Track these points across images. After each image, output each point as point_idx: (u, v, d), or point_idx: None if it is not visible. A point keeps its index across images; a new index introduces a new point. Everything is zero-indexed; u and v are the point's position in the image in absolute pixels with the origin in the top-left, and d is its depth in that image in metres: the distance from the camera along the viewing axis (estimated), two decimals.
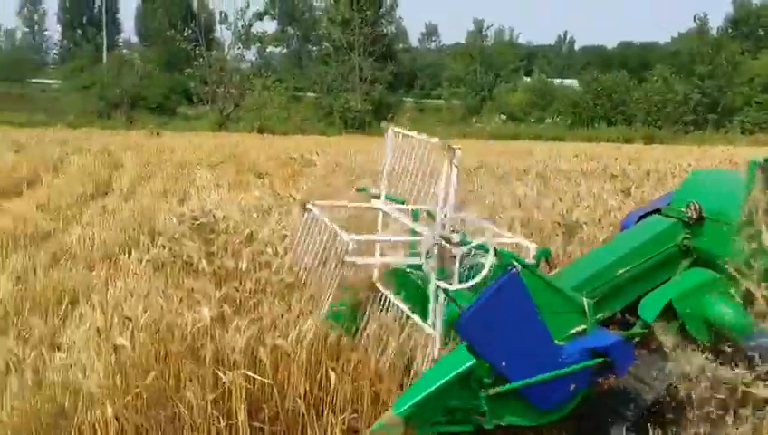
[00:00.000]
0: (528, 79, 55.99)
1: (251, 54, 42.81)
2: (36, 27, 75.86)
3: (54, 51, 75.65)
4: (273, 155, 16.85)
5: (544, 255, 4.20)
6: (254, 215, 7.05)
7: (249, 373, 3.39)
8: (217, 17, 41.89)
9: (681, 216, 3.85)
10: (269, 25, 54.60)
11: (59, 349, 4.14)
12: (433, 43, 78.26)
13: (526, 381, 3.06)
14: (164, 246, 5.60)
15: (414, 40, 72.82)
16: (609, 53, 63.96)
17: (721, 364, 3.44)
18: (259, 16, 42.03)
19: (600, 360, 3.13)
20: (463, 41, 63.57)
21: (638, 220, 4.25)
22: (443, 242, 3.22)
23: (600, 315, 3.51)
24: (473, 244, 3.23)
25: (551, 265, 4.22)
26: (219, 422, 3.31)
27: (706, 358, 3.45)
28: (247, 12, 41.36)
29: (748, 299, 3.53)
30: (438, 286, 3.25)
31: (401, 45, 52.92)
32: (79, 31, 69.96)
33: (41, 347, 3.94)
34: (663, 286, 3.76)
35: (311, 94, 47.68)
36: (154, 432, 3.36)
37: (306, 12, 64.71)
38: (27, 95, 45.39)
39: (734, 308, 3.52)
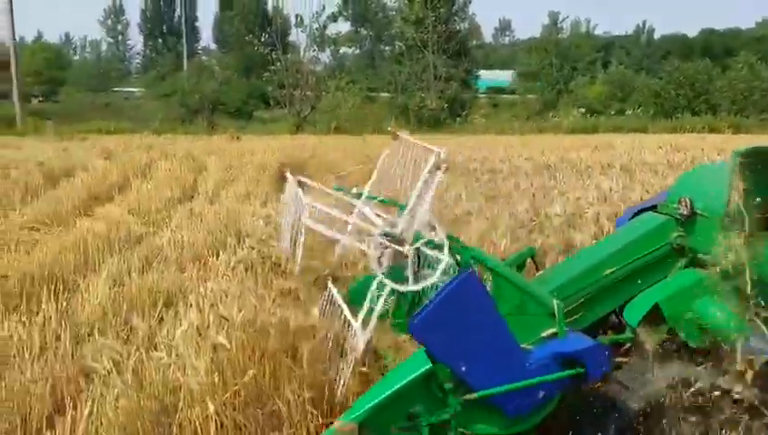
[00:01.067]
0: (606, 71, 54.69)
1: (325, 56, 43.33)
2: (120, 37, 78.71)
3: (137, 60, 78.47)
4: (351, 154, 16.96)
5: (530, 254, 4.06)
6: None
7: None
8: (293, 21, 42.52)
9: (674, 213, 3.60)
10: (342, 27, 55.17)
11: (156, 348, 4.26)
12: (507, 38, 77.54)
13: (495, 389, 2.88)
14: (252, 248, 5.73)
15: (488, 36, 72.31)
16: (690, 42, 61.86)
17: (711, 369, 3.26)
18: (333, 18, 42.57)
19: (570, 370, 2.94)
20: (537, 35, 62.73)
21: (632, 218, 4.01)
22: (387, 239, 3.04)
23: (575, 317, 3.38)
24: (420, 241, 3.04)
25: (537, 265, 4.04)
26: (317, 420, 3.33)
27: (697, 363, 3.29)
28: (322, 14, 41.91)
29: (738, 298, 3.27)
30: (382, 283, 3.04)
31: (474, 42, 52.39)
32: (160, 40, 72.35)
33: (141, 347, 4.10)
34: (651, 288, 3.53)
35: (384, 94, 47.81)
36: (253, 429, 3.41)
37: (379, 12, 65.03)
38: (112, 104, 47.10)
39: (725, 310, 3.26)
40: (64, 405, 3.98)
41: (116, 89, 55.32)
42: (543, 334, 3.11)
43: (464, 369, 2.87)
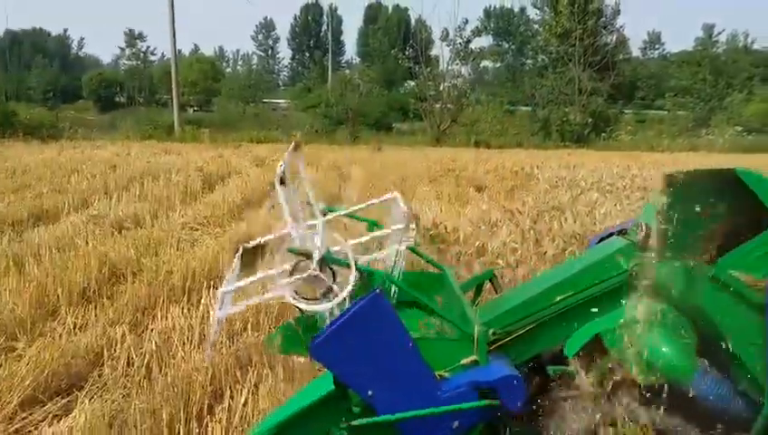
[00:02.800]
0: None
1: (466, 70, 43.35)
2: (270, 51, 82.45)
3: (284, 73, 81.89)
4: (491, 169, 16.89)
5: (488, 277, 3.73)
6: (482, 227, 7.14)
7: None
8: (437, 34, 42.90)
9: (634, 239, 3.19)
10: (484, 40, 55.06)
11: None
12: (656, 52, 74.46)
13: (396, 416, 2.68)
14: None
15: (635, 49, 69.75)
16: None
17: (654, 407, 2.90)
18: (477, 33, 42.53)
19: (481, 401, 2.70)
20: (690, 48, 59.88)
21: (599, 242, 3.62)
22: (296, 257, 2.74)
23: (519, 346, 3.02)
24: (315, 257, 2.70)
25: (496, 288, 3.71)
26: None
27: (638, 400, 2.91)
28: (465, 28, 42.02)
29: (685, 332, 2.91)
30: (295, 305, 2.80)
31: (621, 56, 50.73)
32: (306, 54, 75.26)
33: None
34: (598, 318, 3.11)
35: (524, 108, 47.24)
36: None
37: (522, 25, 64.46)
38: (261, 115, 49.24)
39: (673, 345, 2.88)
40: (222, 393, 4.23)
41: (265, 100, 57.81)
42: (463, 362, 2.83)
43: (370, 394, 2.70)
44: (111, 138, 30.88)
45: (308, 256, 2.72)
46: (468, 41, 41.77)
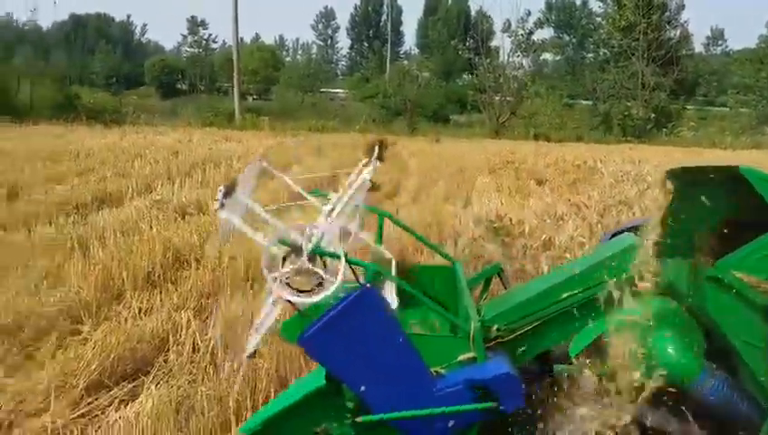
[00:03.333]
0: None
1: (526, 62, 42.70)
2: (329, 41, 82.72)
3: (342, 62, 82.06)
4: (552, 162, 16.58)
5: (496, 271, 3.63)
6: (547, 220, 6.98)
7: None
8: (499, 25, 42.35)
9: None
10: (545, 33, 54.18)
11: None
12: (719, 48, 72.21)
13: (395, 414, 2.63)
14: (464, 249, 5.73)
15: (698, 45, 67.74)
16: None
17: (658, 410, 2.78)
18: (540, 24, 41.88)
19: (478, 404, 2.63)
20: (752, 46, 57.79)
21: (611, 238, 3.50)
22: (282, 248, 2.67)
23: (522, 344, 2.93)
24: (307, 250, 2.63)
25: (505, 283, 3.62)
26: None
27: (641, 403, 2.76)
28: (528, 20, 41.43)
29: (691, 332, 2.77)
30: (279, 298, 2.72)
31: (684, 51, 49.25)
32: (365, 44, 75.24)
33: None
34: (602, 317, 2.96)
35: (583, 102, 46.39)
36: None
37: (584, 18, 63.20)
38: (318, 104, 49.43)
39: (680, 347, 2.76)
40: (287, 380, 4.19)
41: (323, 90, 58.00)
42: (460, 358, 2.77)
43: (363, 389, 2.65)
44: (173, 124, 31.38)
45: (297, 248, 2.67)
46: (531, 32, 41.19)
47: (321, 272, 2.66)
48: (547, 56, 52.68)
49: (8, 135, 19.43)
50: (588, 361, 2.95)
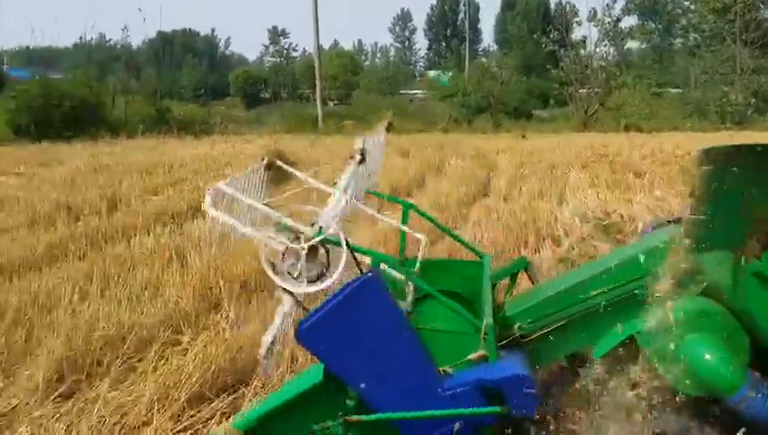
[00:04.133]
0: None
1: (611, 51, 41.38)
2: (407, 42, 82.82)
3: (421, 63, 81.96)
4: (648, 153, 15.88)
5: (523, 265, 3.36)
6: (660, 216, 6.59)
7: None
8: (584, 14, 41.17)
9: None
10: (630, 20, 52.50)
11: None
12: None
13: (395, 415, 2.48)
14: (573, 247, 5.43)
15: None
16: None
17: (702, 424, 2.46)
18: (627, 11, 40.58)
19: (486, 407, 2.44)
20: None
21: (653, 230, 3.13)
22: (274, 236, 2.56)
23: (545, 344, 2.68)
24: (309, 237, 2.52)
25: (532, 278, 3.35)
26: None
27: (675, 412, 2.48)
28: (614, 7, 40.17)
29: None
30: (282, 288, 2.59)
31: None
32: (443, 43, 74.92)
33: None
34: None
35: (673, 90, 44.65)
36: None
37: (669, 3, 60.96)
38: (398, 106, 49.43)
39: (720, 354, 2.39)
40: None
41: (402, 91, 58.04)
42: (471, 357, 2.59)
43: (362, 386, 2.49)
44: (258, 132, 31.94)
45: (298, 235, 2.60)
46: (618, 20, 39.91)
47: (323, 260, 2.58)
48: (632, 45, 50.93)
49: (106, 150, 20.13)
50: (618, 365, 2.68)
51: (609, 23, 39.25)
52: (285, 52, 69.30)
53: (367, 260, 2.74)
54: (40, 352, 4.42)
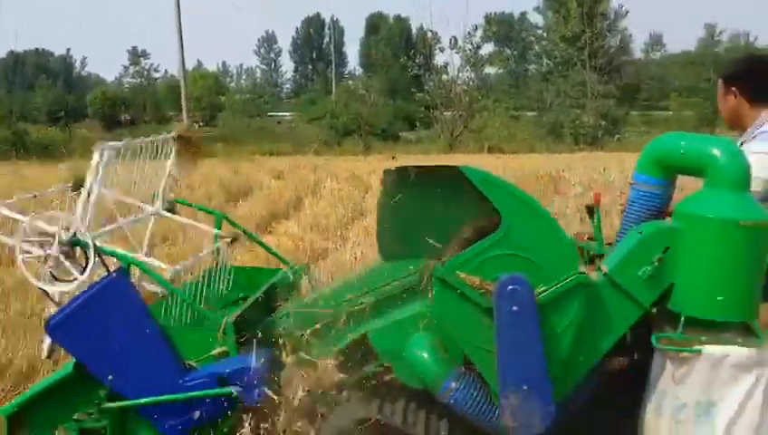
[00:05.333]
0: None
1: (470, 77, 43.09)
2: (273, 65, 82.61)
3: (287, 86, 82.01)
4: (520, 175, 16.62)
5: (302, 270, 3.73)
6: None
7: None
8: (445, 41, 42.57)
9: None
10: (487, 47, 54.98)
11: None
12: (658, 53, 74.39)
13: (137, 402, 2.76)
14: None
15: (637, 51, 69.65)
16: None
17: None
18: (487, 38, 42.43)
19: (215, 391, 2.75)
20: (692, 48, 59.85)
21: None
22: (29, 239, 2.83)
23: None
24: (60, 240, 2.78)
25: (313, 284, 3.71)
26: None
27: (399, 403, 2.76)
28: (475, 35, 41.87)
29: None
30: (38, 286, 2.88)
31: (624, 57, 50.67)
32: (309, 66, 75.41)
33: None
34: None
35: (529, 113, 47.15)
36: None
37: (523, 31, 64.45)
38: (266, 128, 49.13)
39: (428, 351, 2.66)
40: None
41: (270, 113, 57.78)
42: (213, 353, 2.86)
43: (110, 378, 2.74)
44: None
45: (50, 238, 2.79)
46: (478, 47, 41.69)
47: (67, 263, 2.79)
48: (489, 70, 53.36)
49: None
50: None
51: (469, 50, 40.92)
52: (147, 72, 67.30)
53: (145, 262, 3.05)
54: None
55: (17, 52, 65.29)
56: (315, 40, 76.62)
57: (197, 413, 2.78)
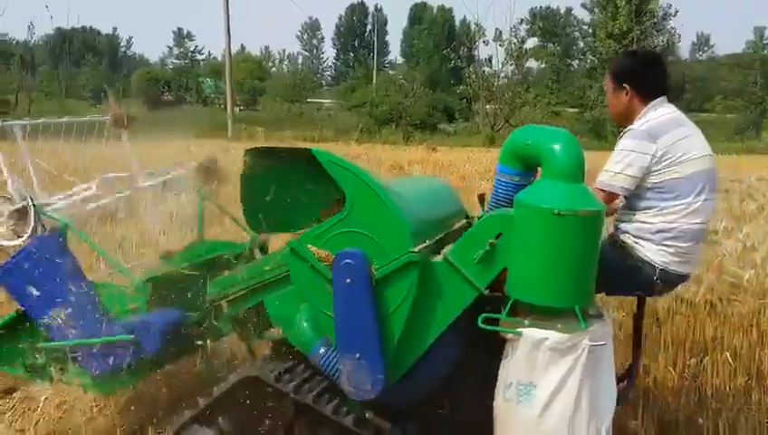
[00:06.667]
0: None
1: (515, 70, 42.82)
2: (315, 51, 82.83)
3: (328, 72, 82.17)
4: None
5: (252, 245, 3.82)
6: None
7: None
8: (491, 34, 42.33)
9: None
10: (530, 42, 54.54)
11: None
12: (704, 54, 73.16)
13: (62, 343, 3.11)
14: None
15: (684, 51, 68.55)
16: None
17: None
18: (532, 33, 42.11)
19: (118, 337, 3.08)
20: (740, 50, 58.74)
21: None
22: None
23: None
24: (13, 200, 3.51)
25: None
26: None
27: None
28: (520, 28, 41.65)
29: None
30: None
31: (670, 57, 49.88)
32: (351, 54, 75.45)
33: None
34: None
35: (570, 109, 46.69)
36: None
37: (567, 27, 63.78)
38: (305, 114, 49.40)
39: (306, 319, 2.90)
40: None
41: (309, 99, 57.98)
42: (130, 307, 3.26)
43: (45, 321, 3.11)
44: (168, 136, 31.01)
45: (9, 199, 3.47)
46: (523, 41, 41.43)
47: (11, 221, 3.46)
48: (531, 65, 52.95)
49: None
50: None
51: (514, 43, 40.68)
52: (190, 54, 68.00)
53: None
54: None
55: (65, 29, 66.31)
56: (358, 28, 76.66)
57: (112, 358, 3.11)
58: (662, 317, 4.96)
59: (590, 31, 49.39)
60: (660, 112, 3.14)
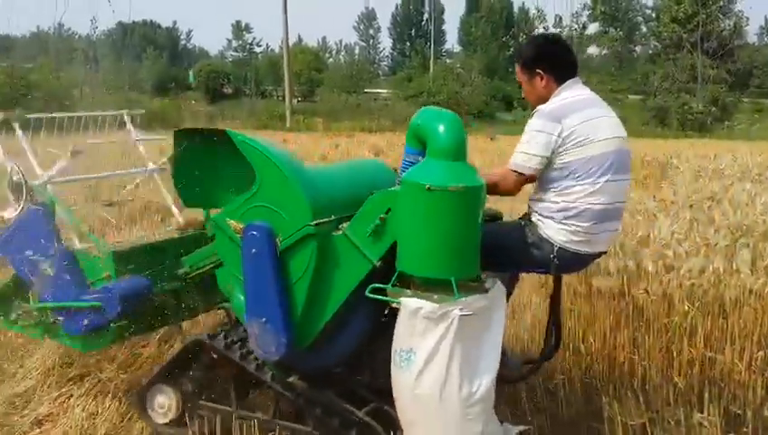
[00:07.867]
0: None
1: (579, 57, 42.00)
2: (371, 41, 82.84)
3: (385, 62, 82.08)
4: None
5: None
6: (638, 217, 6.87)
7: None
8: (551, 21, 41.68)
9: None
10: (591, 27, 53.39)
11: None
12: None
13: (44, 305, 3.48)
14: None
15: (751, 35, 66.03)
16: None
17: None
18: (594, 18, 41.24)
19: (84, 303, 3.34)
20: None
21: None
22: None
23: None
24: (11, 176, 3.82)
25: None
26: None
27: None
28: (582, 14, 40.87)
29: None
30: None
31: (737, 42, 48.19)
32: (408, 43, 75.17)
33: None
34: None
35: (632, 96, 45.59)
36: None
37: (630, 11, 62.18)
38: (362, 104, 49.43)
39: (241, 290, 3.12)
40: None
41: (366, 90, 57.98)
42: (104, 275, 3.43)
43: (34, 285, 3.50)
44: (228, 127, 31.57)
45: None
46: (584, 27, 40.64)
47: (11, 195, 3.84)
48: (592, 51, 51.88)
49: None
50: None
51: (576, 29, 39.93)
52: (249, 47, 68.83)
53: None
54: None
55: (126, 23, 67.72)
56: (414, 17, 76.20)
57: (86, 320, 3.39)
58: (729, 309, 4.77)
59: (654, 15, 48.04)
60: (569, 94, 3.17)
